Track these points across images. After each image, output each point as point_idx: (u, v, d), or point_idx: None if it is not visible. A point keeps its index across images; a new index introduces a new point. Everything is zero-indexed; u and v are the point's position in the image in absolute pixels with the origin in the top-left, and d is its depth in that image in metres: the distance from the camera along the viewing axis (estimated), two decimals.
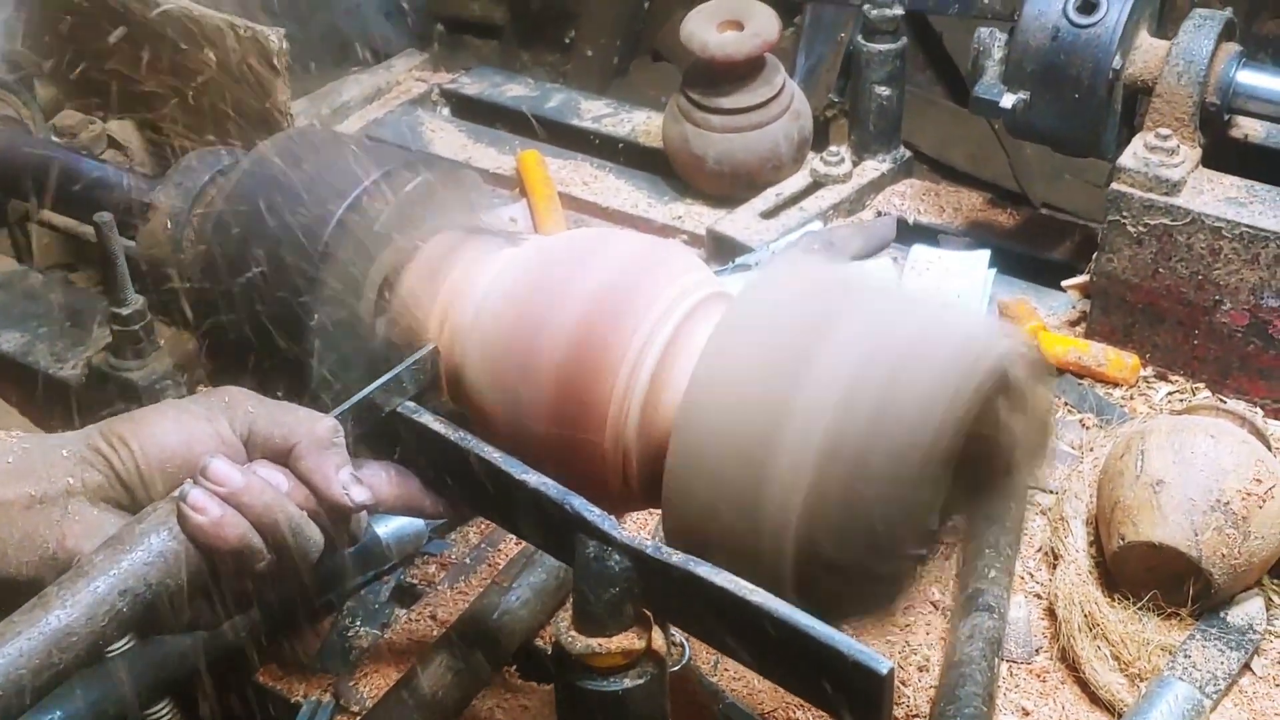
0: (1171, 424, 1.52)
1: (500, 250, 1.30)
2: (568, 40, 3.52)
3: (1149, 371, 1.84)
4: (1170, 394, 1.82)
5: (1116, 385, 1.82)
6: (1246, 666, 1.46)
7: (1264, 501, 1.44)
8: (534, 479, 1.14)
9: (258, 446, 1.09)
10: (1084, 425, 1.78)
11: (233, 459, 1.06)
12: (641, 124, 2.39)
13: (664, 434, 1.14)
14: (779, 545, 1.08)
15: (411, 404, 1.22)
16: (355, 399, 1.14)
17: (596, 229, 1.61)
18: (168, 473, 1.05)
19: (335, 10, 3.10)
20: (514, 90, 2.54)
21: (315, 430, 1.09)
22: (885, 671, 0.99)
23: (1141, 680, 1.43)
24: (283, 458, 1.08)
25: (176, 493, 1.03)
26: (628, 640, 1.13)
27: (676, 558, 1.08)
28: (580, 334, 1.17)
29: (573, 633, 1.13)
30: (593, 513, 1.11)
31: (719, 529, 1.11)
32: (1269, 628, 1.50)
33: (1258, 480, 1.44)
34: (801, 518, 1.06)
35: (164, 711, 1.63)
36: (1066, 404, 1.80)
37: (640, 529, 1.60)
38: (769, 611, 1.03)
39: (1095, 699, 1.44)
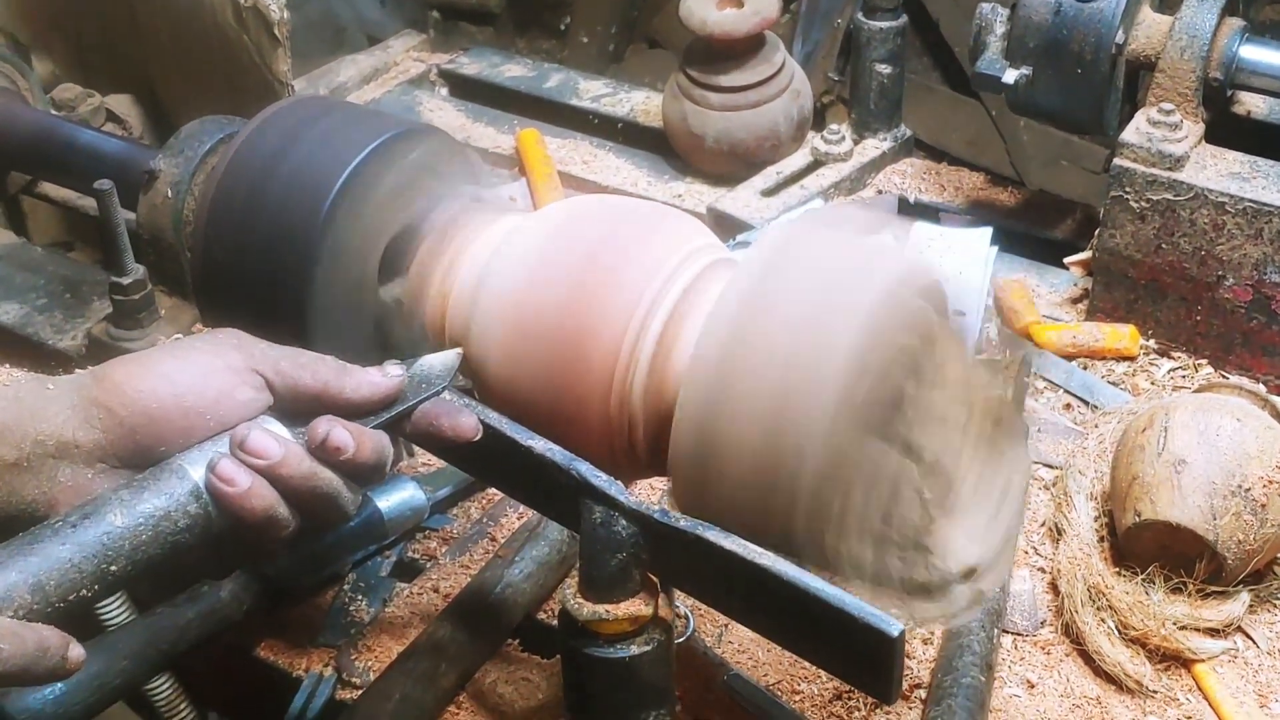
0: (1197, 402, 1.51)
1: (505, 217, 1.29)
2: (563, 27, 3.51)
3: (1151, 342, 1.84)
4: (1172, 370, 1.81)
5: (1122, 359, 1.82)
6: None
7: None
8: (540, 444, 1.14)
9: (286, 390, 1.06)
10: (1088, 404, 1.77)
11: (255, 395, 1.04)
12: (640, 103, 2.38)
13: (671, 399, 1.13)
14: (790, 508, 1.07)
15: None
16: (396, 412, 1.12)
17: (602, 195, 1.61)
18: (181, 414, 1.01)
19: None
20: (512, 70, 2.53)
21: (377, 382, 1.08)
22: (896, 634, 0.99)
23: (1152, 650, 1.43)
24: (313, 402, 1.06)
25: (207, 456, 1.01)
26: (635, 606, 1.12)
27: (684, 522, 1.07)
28: (583, 298, 1.16)
29: (579, 599, 1.13)
30: (599, 478, 1.11)
31: (728, 492, 1.10)
32: (1275, 601, 1.50)
33: None
34: (812, 479, 1.05)
35: (163, 686, 1.62)
36: (1069, 391, 1.79)
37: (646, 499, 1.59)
38: (778, 575, 1.03)
39: (1099, 671, 1.44)
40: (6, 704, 1.33)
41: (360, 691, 1.42)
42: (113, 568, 0.96)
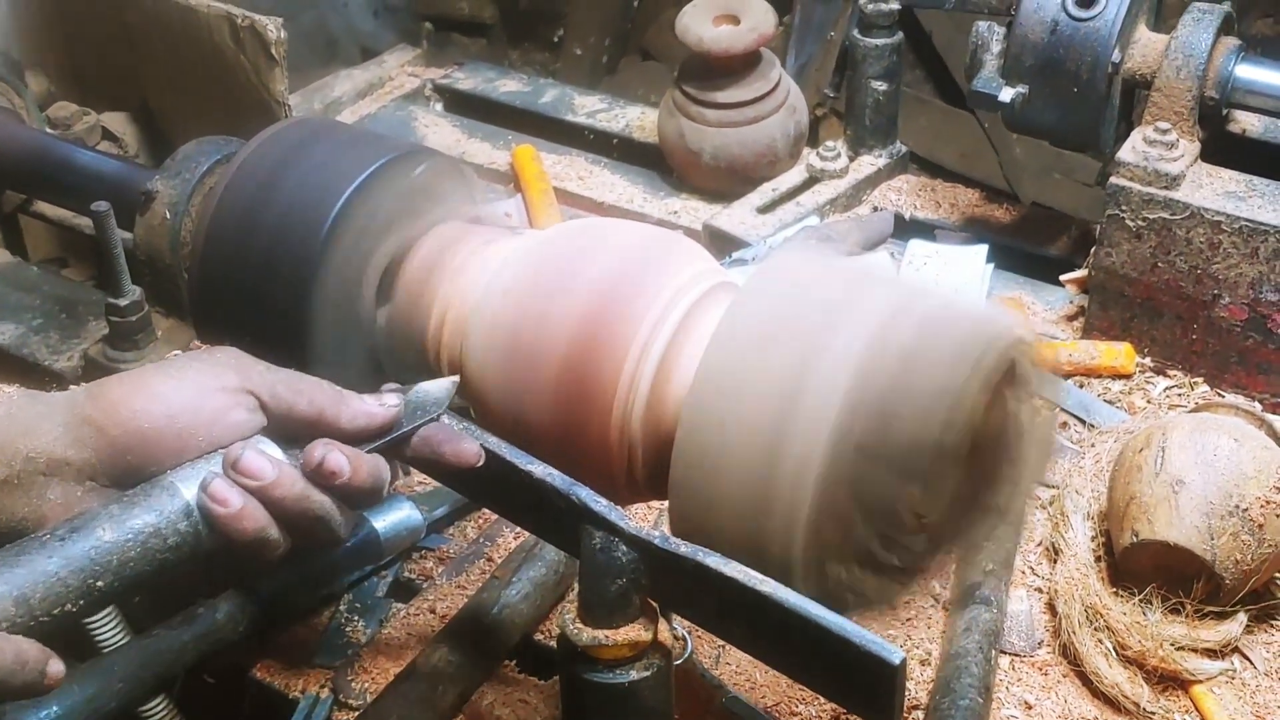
0: (1194, 422, 1.50)
1: (504, 240, 1.29)
2: (556, 39, 3.51)
3: (1147, 360, 1.84)
4: (1169, 388, 1.81)
5: (1118, 377, 1.82)
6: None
7: None
8: (539, 469, 1.13)
9: (281, 414, 1.06)
10: (1084, 423, 1.77)
11: (249, 417, 1.04)
12: (636, 119, 2.38)
13: (670, 425, 1.14)
14: (788, 536, 1.07)
15: None
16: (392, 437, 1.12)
17: (600, 219, 1.60)
18: (174, 434, 1.02)
19: (323, 8, 3.09)
20: (507, 86, 2.53)
21: (373, 412, 1.08)
22: (898, 662, 0.99)
23: (1150, 670, 1.43)
24: (308, 427, 1.06)
25: (200, 474, 1.01)
26: (634, 632, 1.12)
27: (685, 548, 1.07)
28: (584, 324, 1.16)
29: (578, 624, 1.13)
30: (599, 503, 1.11)
31: (727, 519, 1.10)
32: (1272, 622, 1.50)
33: (1277, 488, 1.43)
34: (811, 507, 1.05)
35: (159, 708, 1.62)
36: (1065, 409, 1.79)
37: (641, 522, 1.58)
38: (779, 601, 1.02)
39: (1097, 692, 1.44)
40: None
41: (357, 713, 1.42)
42: (99, 583, 0.96)
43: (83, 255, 1.95)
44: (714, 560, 1.05)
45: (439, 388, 1.15)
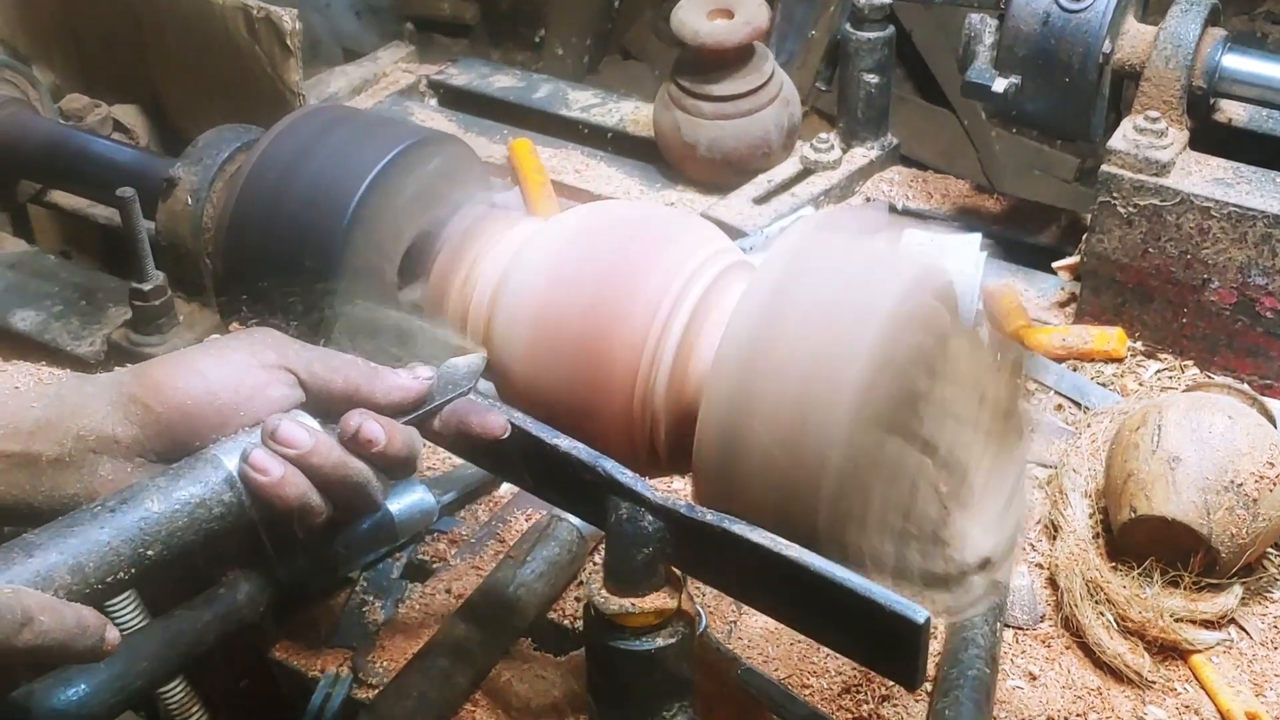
0: (1189, 401, 1.54)
1: (527, 220, 1.31)
2: (538, 39, 3.54)
3: (1138, 344, 1.88)
4: (1160, 372, 1.85)
5: (1110, 361, 1.86)
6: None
7: (1275, 485, 1.46)
8: (565, 443, 1.16)
9: (317, 390, 1.09)
10: (1078, 405, 1.81)
11: (287, 392, 1.07)
12: (630, 113, 2.41)
13: (692, 399, 1.16)
14: (812, 506, 1.10)
15: None
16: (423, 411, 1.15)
17: (621, 201, 1.63)
18: (215, 410, 1.05)
19: (305, 9, 3.11)
20: (501, 81, 2.55)
21: (407, 386, 1.11)
22: (922, 620, 1.02)
23: (1150, 641, 1.47)
24: (344, 402, 1.09)
25: (241, 446, 1.04)
26: (660, 600, 1.15)
27: (711, 516, 1.10)
28: (605, 301, 1.19)
29: (605, 593, 1.15)
30: (625, 474, 1.13)
31: (751, 490, 1.12)
32: (1266, 594, 1.54)
33: (1270, 464, 1.47)
34: (834, 478, 1.08)
35: (176, 690, 1.64)
36: (1059, 392, 1.83)
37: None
38: (805, 565, 1.05)
39: (1099, 662, 1.47)
40: (31, 703, 1.34)
41: (377, 691, 1.44)
42: (149, 552, 0.99)
43: (88, 247, 1.97)
44: (740, 527, 1.08)
45: (467, 363, 1.18)
